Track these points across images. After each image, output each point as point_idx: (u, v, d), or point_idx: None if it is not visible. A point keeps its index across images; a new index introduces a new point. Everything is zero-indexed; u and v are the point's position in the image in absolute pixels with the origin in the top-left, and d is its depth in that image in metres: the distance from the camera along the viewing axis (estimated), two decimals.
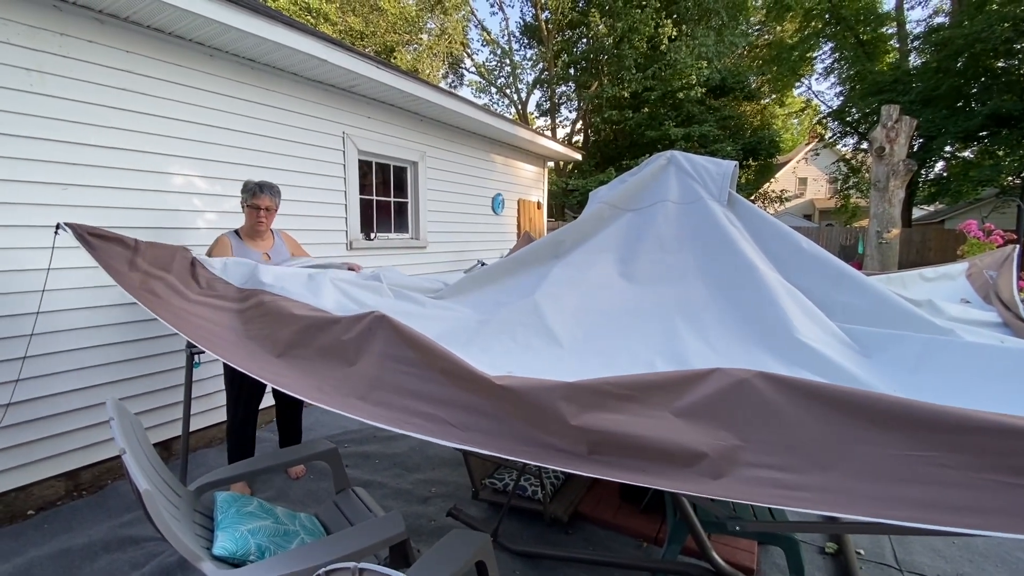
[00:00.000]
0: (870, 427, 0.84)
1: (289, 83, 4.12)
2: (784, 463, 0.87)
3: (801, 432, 0.89)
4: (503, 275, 2.55)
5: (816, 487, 0.81)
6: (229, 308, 2.04)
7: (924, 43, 16.39)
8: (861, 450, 0.82)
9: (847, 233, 16.99)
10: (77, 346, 2.93)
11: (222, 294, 2.13)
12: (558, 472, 2.88)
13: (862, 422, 0.85)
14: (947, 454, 0.76)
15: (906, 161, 7.28)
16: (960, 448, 0.76)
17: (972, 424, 0.77)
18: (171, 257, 2.18)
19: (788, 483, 0.84)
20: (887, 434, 0.82)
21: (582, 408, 1.09)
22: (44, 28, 2.73)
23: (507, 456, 1.17)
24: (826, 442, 0.86)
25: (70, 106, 2.86)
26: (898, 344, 1.54)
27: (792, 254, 2.05)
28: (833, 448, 0.85)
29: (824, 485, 0.81)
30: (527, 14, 22.70)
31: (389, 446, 3.61)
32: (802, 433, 0.89)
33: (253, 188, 2.92)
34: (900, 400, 0.85)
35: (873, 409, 0.85)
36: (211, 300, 2.07)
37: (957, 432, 0.77)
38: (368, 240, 5.11)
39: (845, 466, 0.81)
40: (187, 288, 2.09)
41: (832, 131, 20.92)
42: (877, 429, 0.83)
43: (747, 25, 20.21)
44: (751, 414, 0.95)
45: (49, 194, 2.80)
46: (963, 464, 0.75)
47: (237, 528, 1.66)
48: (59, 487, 2.93)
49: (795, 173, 28.73)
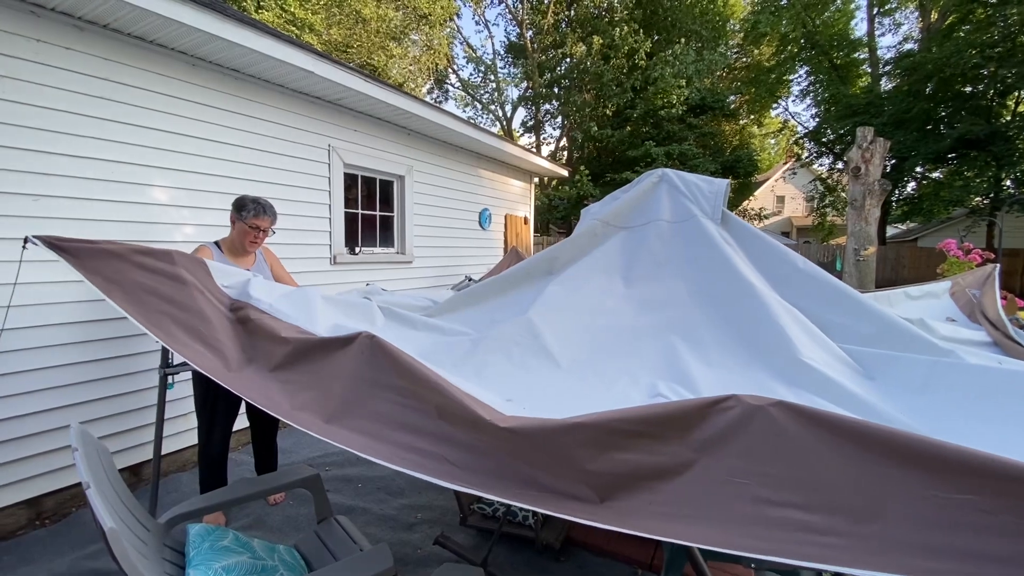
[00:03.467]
0: (906, 468, 0.79)
1: (274, 95, 4.04)
2: (810, 503, 0.82)
3: (827, 470, 0.84)
4: (496, 292, 2.49)
5: (847, 532, 0.76)
6: (225, 317, 1.90)
7: (895, 68, 17.03)
8: (898, 493, 0.77)
9: (824, 250, 17.39)
10: (43, 365, 2.77)
11: (220, 300, 1.98)
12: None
13: (894, 461, 0.80)
14: (990, 499, 0.72)
15: (881, 181, 7.46)
16: (1002, 493, 0.72)
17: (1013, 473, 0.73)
18: (165, 258, 1.94)
19: (816, 527, 0.78)
20: (922, 475, 0.77)
21: (594, 450, 1.02)
22: (19, 34, 2.63)
23: (511, 501, 1.09)
24: (857, 483, 0.81)
25: (44, 114, 2.74)
26: (902, 365, 1.51)
27: (788, 273, 2.03)
28: (866, 490, 0.80)
29: (857, 531, 0.76)
30: (511, 32, 23.03)
31: (372, 469, 3.48)
32: (828, 471, 0.84)
33: (256, 208, 2.73)
34: (932, 441, 0.80)
35: (906, 448, 0.80)
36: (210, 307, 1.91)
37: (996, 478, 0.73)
38: (353, 254, 5.01)
39: (883, 510, 0.76)
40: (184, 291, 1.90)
41: (808, 151, 21.50)
42: (911, 470, 0.78)
43: (726, 47, 20.79)
44: (772, 448, 0.90)
45: (19, 205, 2.66)
46: (1005, 509, 0.70)
47: (211, 565, 1.55)
48: (20, 516, 2.74)
49: (773, 191, 29.41)
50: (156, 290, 1.80)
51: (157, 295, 1.79)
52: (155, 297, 1.78)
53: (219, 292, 2.01)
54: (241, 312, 1.91)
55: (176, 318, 1.77)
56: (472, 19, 39.62)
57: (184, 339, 1.72)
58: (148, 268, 1.84)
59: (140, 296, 1.76)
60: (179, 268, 1.91)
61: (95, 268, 1.77)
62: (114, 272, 1.78)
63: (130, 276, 1.79)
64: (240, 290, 2.06)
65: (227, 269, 2.18)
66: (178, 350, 1.66)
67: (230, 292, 2.04)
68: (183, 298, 1.83)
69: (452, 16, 20.62)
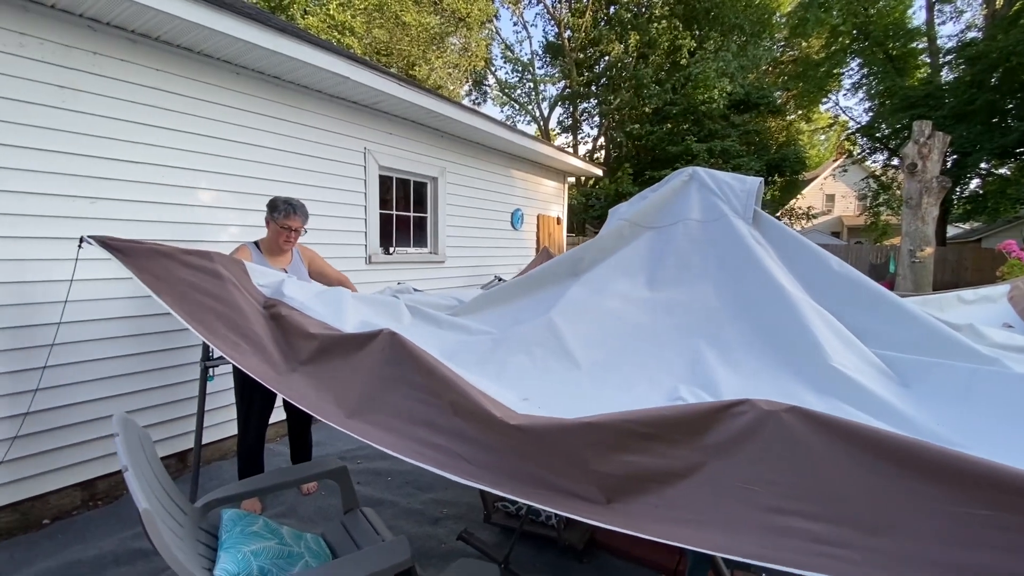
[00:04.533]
0: (924, 480, 0.75)
1: (313, 100, 4.19)
2: (823, 513, 0.79)
3: (841, 479, 0.81)
4: (520, 293, 2.50)
5: (862, 546, 0.73)
6: (260, 314, 1.98)
7: (957, 58, 16.00)
8: (917, 506, 0.73)
9: (877, 251, 16.49)
10: (96, 356, 2.97)
11: (255, 298, 2.07)
12: None
13: (915, 473, 0.75)
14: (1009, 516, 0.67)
15: (939, 178, 7.05)
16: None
17: None
18: (205, 258, 2.04)
19: (829, 538, 0.75)
20: (944, 490, 0.73)
21: (603, 451, 1.02)
22: (78, 47, 2.83)
23: (522, 499, 1.10)
24: (873, 494, 0.77)
25: (100, 122, 2.94)
26: (940, 373, 1.43)
27: (822, 275, 1.94)
28: (883, 502, 0.76)
29: (875, 545, 0.72)
30: (549, 32, 22.98)
31: (401, 463, 3.51)
32: (842, 481, 0.80)
33: (286, 208, 2.84)
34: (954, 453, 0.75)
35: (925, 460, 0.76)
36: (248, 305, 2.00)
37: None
38: (387, 255, 5.12)
39: (900, 523, 0.73)
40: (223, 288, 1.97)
41: (861, 147, 20.48)
42: (934, 483, 0.74)
43: (771, 41, 20.05)
44: (783, 455, 0.87)
45: (77, 207, 2.87)
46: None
47: (240, 549, 1.62)
48: (75, 497, 2.94)
49: (822, 190, 28.17)
50: (198, 287, 1.89)
51: (200, 291, 1.88)
52: (198, 293, 1.88)
53: (255, 290, 2.10)
54: (274, 309, 1.99)
55: (218, 313, 1.85)
56: (510, 20, 39.68)
57: (223, 333, 1.81)
58: (191, 266, 1.94)
59: (185, 292, 1.86)
60: (218, 266, 2.01)
61: (145, 267, 1.88)
62: (161, 270, 1.89)
63: (176, 274, 1.90)
64: (274, 289, 2.15)
65: (263, 270, 2.28)
66: (216, 344, 1.75)
67: (265, 291, 2.13)
68: (223, 294, 1.92)
69: (490, 18, 20.76)
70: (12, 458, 2.60)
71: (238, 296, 1.95)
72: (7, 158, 2.60)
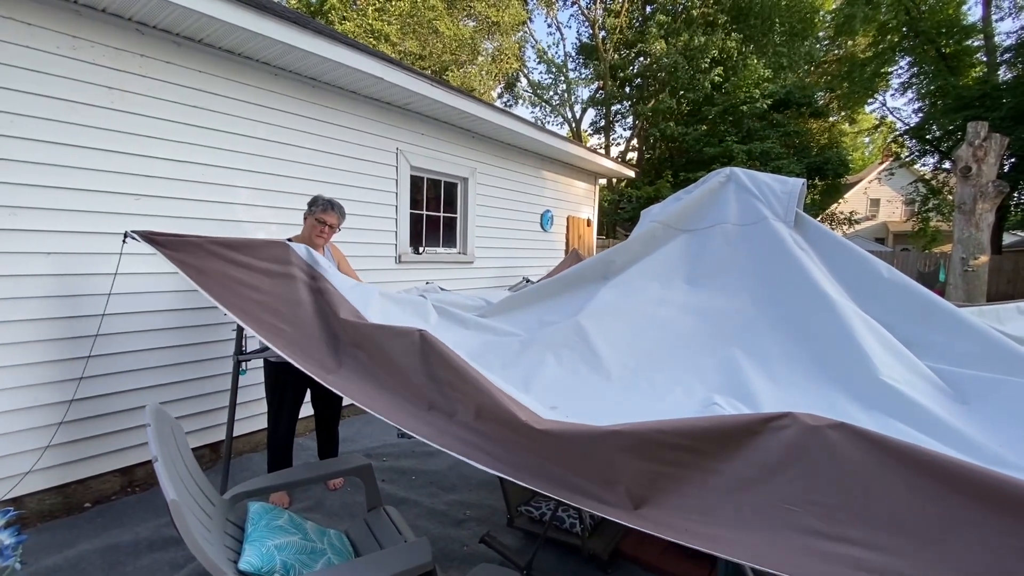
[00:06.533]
0: (996, 514, 0.67)
1: (347, 101, 4.25)
2: (867, 539, 0.72)
3: (891, 504, 0.74)
4: (549, 295, 2.46)
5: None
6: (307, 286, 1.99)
7: (1016, 56, 15.08)
8: (984, 541, 0.66)
9: (926, 259, 15.69)
10: (137, 348, 3.08)
11: (302, 269, 2.08)
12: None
13: (976, 502, 0.68)
14: None
15: (996, 182, 6.64)
16: None
17: None
18: (251, 245, 2.06)
19: (875, 566, 0.69)
20: (1009, 523, 0.66)
21: (633, 459, 0.97)
22: (127, 50, 2.94)
23: (544, 492, 1.08)
24: (927, 522, 0.70)
25: (146, 122, 3.04)
26: (1002, 391, 1.32)
27: (870, 282, 1.84)
28: (936, 530, 0.69)
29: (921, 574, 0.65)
30: (583, 34, 22.83)
31: (426, 463, 3.56)
32: (893, 505, 0.74)
33: (325, 204, 2.96)
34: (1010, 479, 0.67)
35: (995, 490, 0.68)
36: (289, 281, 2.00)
37: None
38: (416, 254, 5.16)
39: (948, 553, 0.66)
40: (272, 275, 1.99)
41: (909, 149, 19.52)
42: (996, 514, 0.67)
43: (815, 40, 19.37)
44: (829, 474, 0.80)
45: (123, 204, 2.98)
46: None
47: (265, 543, 1.63)
48: (115, 482, 3.06)
49: (866, 194, 27.00)
50: (241, 279, 1.89)
51: (242, 284, 1.89)
52: (241, 286, 1.88)
53: (301, 262, 2.09)
54: (316, 282, 1.99)
55: (261, 303, 1.86)
56: (544, 22, 39.68)
57: (270, 322, 1.82)
58: (236, 262, 1.94)
59: (227, 284, 1.87)
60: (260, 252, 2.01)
61: (187, 260, 1.90)
62: (203, 262, 1.89)
63: (216, 267, 1.91)
64: (317, 264, 2.15)
65: (307, 248, 2.24)
66: (258, 331, 1.76)
67: (308, 262, 2.13)
68: (264, 284, 1.92)
69: (523, 22, 20.76)
70: (57, 443, 2.72)
71: (281, 284, 1.95)
72: (60, 156, 2.72)
